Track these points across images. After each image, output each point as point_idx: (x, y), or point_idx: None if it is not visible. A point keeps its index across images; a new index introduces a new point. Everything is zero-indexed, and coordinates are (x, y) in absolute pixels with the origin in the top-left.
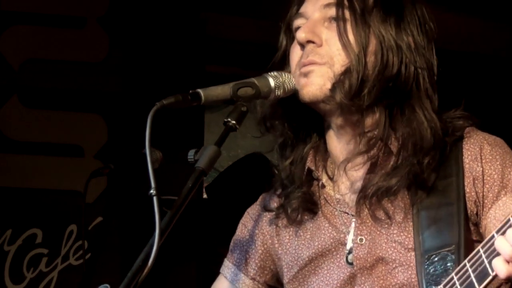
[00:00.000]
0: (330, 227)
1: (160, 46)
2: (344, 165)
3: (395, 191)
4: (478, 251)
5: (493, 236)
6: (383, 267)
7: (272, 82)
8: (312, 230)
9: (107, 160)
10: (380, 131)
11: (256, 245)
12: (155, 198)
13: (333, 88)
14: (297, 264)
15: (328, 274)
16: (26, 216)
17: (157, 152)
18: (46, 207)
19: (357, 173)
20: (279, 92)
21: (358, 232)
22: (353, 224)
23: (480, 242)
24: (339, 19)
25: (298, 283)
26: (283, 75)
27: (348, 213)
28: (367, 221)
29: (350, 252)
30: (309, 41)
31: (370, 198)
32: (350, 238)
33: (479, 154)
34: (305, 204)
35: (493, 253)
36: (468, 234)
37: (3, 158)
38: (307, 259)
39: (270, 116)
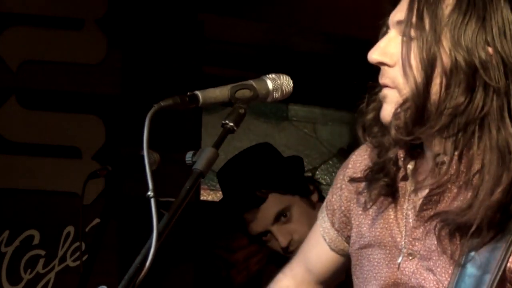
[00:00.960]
0: (393, 223)
1: (158, 47)
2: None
3: (469, 226)
4: None
5: None
6: None
7: (270, 85)
8: (378, 214)
9: (104, 161)
10: (448, 159)
11: (342, 200)
12: (152, 200)
13: (390, 121)
14: (358, 241)
15: (378, 268)
16: (23, 217)
17: (155, 154)
18: (43, 209)
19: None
20: (277, 94)
21: (410, 246)
22: (406, 233)
23: None
24: (404, 38)
25: (356, 259)
26: (281, 77)
27: (410, 219)
28: (421, 238)
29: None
30: (379, 63)
31: (438, 227)
32: (403, 247)
33: None
34: (384, 193)
35: None
36: None
37: (0, 159)
38: (367, 241)
39: None
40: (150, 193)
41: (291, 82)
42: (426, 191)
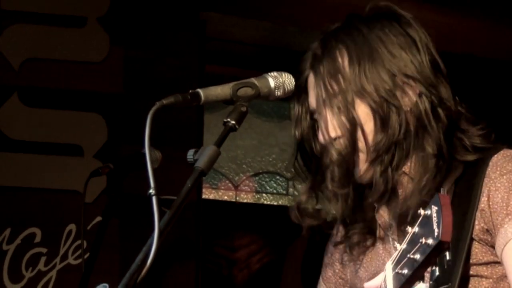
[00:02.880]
0: (383, 254)
1: (160, 46)
2: None
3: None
4: None
5: None
6: None
7: (272, 83)
8: (371, 255)
9: (106, 159)
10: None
11: (336, 271)
12: (154, 198)
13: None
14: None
15: None
16: (25, 215)
17: (156, 152)
18: (45, 206)
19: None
20: (279, 92)
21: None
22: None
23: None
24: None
25: None
26: (283, 75)
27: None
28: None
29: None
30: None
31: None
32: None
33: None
34: (364, 236)
35: None
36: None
37: (2, 157)
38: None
39: None
40: (151, 191)
41: (293, 80)
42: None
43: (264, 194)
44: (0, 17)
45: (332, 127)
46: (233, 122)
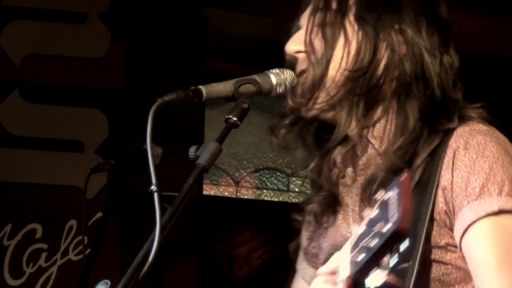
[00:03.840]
0: (342, 224)
1: (161, 42)
2: None
3: (380, 183)
4: None
5: None
6: None
7: (273, 79)
8: (330, 226)
9: (107, 155)
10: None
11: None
12: (155, 194)
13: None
14: (320, 257)
15: None
16: (26, 211)
17: (157, 148)
18: (46, 202)
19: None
20: (280, 89)
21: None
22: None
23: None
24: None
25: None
26: (285, 72)
27: (357, 211)
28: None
29: None
30: (296, 52)
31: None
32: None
33: (452, 156)
34: (325, 205)
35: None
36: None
37: (3, 152)
38: (326, 255)
39: None
40: (153, 187)
41: (295, 77)
42: (362, 176)
43: (264, 190)
44: (1, 13)
45: (304, 40)
46: (235, 118)
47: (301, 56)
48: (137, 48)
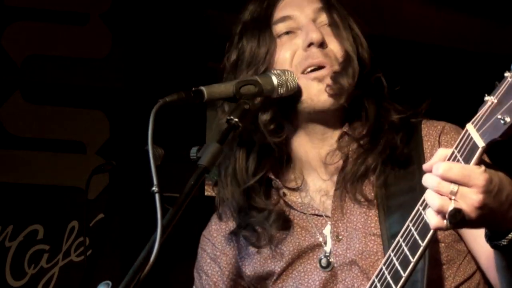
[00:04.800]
0: (302, 231)
1: (163, 42)
2: (322, 166)
3: (374, 168)
4: (418, 209)
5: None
6: (363, 261)
7: (275, 80)
8: (285, 239)
9: (109, 156)
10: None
11: (222, 267)
12: (157, 195)
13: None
14: (271, 277)
15: (305, 277)
16: (28, 212)
17: (159, 149)
18: (47, 203)
19: (329, 171)
20: (281, 90)
21: (335, 229)
22: (328, 224)
23: None
24: (333, 23)
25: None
26: (286, 73)
27: (321, 215)
28: (342, 218)
29: (328, 253)
30: (322, 43)
31: (351, 184)
32: (328, 237)
33: (437, 141)
34: (280, 223)
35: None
36: None
37: (5, 154)
38: (279, 270)
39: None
40: (154, 188)
41: (296, 78)
42: (333, 169)
43: None
44: (3, 14)
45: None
46: (236, 119)
47: (319, 49)
48: (139, 48)
